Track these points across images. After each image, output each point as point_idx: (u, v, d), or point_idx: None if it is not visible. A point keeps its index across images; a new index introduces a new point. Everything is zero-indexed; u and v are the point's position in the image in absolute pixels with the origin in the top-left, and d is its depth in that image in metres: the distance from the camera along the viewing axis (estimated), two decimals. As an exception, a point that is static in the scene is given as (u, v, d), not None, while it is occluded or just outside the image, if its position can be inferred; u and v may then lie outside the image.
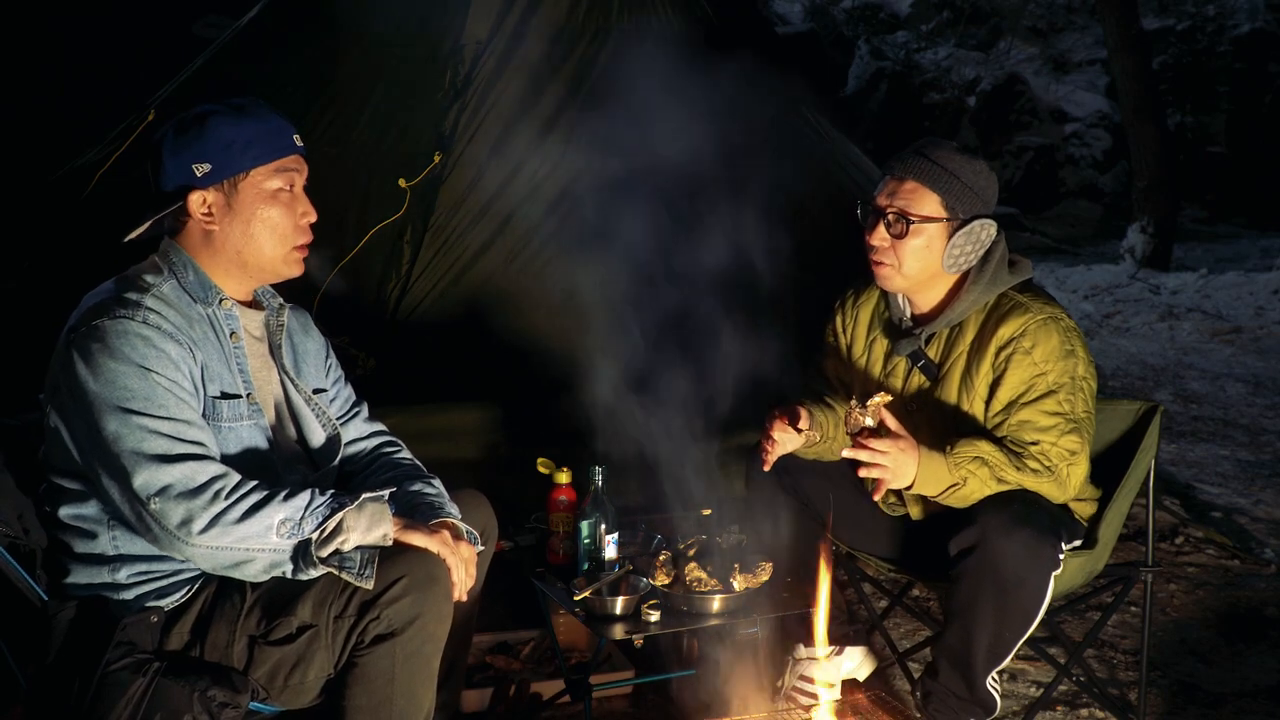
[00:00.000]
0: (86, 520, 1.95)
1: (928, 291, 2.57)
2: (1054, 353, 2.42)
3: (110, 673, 1.82)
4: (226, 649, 1.93)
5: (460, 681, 2.44)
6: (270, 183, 2.05)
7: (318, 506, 1.92)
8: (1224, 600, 3.56)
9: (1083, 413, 2.43)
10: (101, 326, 1.90)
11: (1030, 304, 2.48)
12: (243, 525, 1.86)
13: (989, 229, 2.48)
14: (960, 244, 2.46)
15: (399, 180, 3.76)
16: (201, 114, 2.04)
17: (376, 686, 1.92)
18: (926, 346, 2.58)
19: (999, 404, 2.45)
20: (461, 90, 3.91)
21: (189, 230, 2.05)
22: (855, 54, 15.04)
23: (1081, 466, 2.42)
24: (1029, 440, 2.40)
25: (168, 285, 2.01)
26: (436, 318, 3.66)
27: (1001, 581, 2.31)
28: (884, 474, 2.32)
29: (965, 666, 2.42)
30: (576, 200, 3.92)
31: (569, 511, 2.72)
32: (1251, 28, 14.95)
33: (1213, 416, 5.88)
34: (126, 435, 1.85)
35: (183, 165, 2.01)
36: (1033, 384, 2.41)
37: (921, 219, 2.46)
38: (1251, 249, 11.89)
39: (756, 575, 2.52)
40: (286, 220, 2.07)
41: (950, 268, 2.49)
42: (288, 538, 1.88)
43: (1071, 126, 14.78)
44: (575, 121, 3.93)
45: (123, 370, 1.88)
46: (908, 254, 2.48)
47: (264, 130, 2.05)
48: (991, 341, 2.46)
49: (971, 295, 2.50)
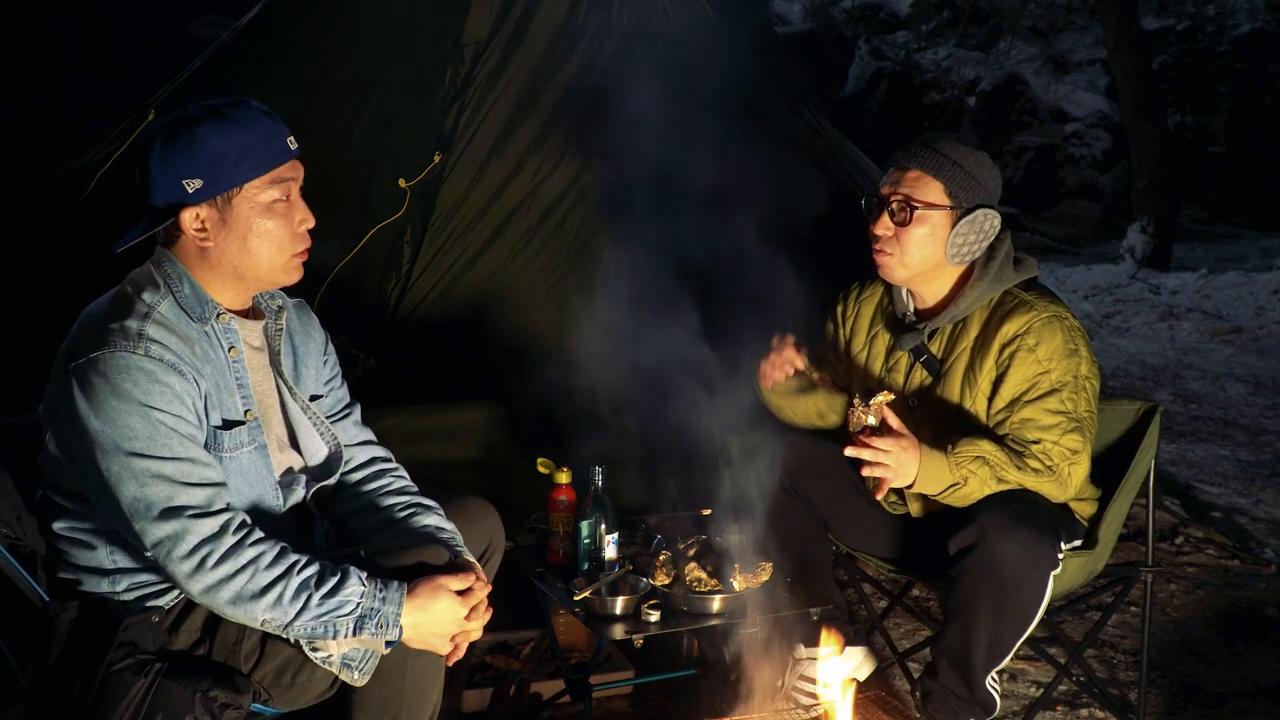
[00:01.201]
0: (84, 533, 1.93)
1: (931, 285, 2.57)
2: (1058, 351, 2.43)
3: (112, 673, 1.82)
4: (235, 645, 1.92)
5: (462, 683, 2.44)
6: (265, 195, 1.95)
7: (321, 610, 1.82)
8: (1224, 600, 3.56)
9: (1085, 412, 2.43)
10: (102, 360, 1.83)
11: (1035, 302, 2.49)
12: (233, 609, 1.82)
13: (993, 219, 2.49)
14: (964, 233, 2.47)
15: (399, 180, 3.76)
16: (190, 122, 1.92)
17: (387, 680, 1.92)
18: (930, 342, 2.58)
19: (1001, 401, 2.46)
20: (461, 90, 3.91)
21: (183, 243, 1.97)
22: (855, 54, 15.02)
23: (1083, 466, 2.42)
24: (1031, 439, 2.40)
25: (165, 304, 1.93)
26: (436, 318, 3.66)
27: (1000, 581, 2.31)
28: (885, 473, 2.32)
29: (964, 666, 2.42)
30: (577, 200, 3.92)
31: (569, 511, 2.72)
32: (1251, 28, 14.94)
33: (1213, 416, 5.88)
34: (128, 480, 1.81)
35: (173, 181, 1.91)
36: (1036, 382, 2.42)
37: (925, 205, 2.47)
38: (1251, 249, 11.89)
39: (756, 575, 2.52)
40: (284, 230, 1.98)
41: (954, 258, 2.49)
42: (277, 622, 1.83)
43: (1071, 126, 14.78)
44: (575, 121, 3.93)
45: (124, 409, 1.81)
46: (911, 242, 2.49)
47: (256, 139, 1.94)
48: (995, 338, 2.47)
49: (976, 291, 2.51)
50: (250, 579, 1.81)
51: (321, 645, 1.87)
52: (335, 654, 1.88)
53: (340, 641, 1.86)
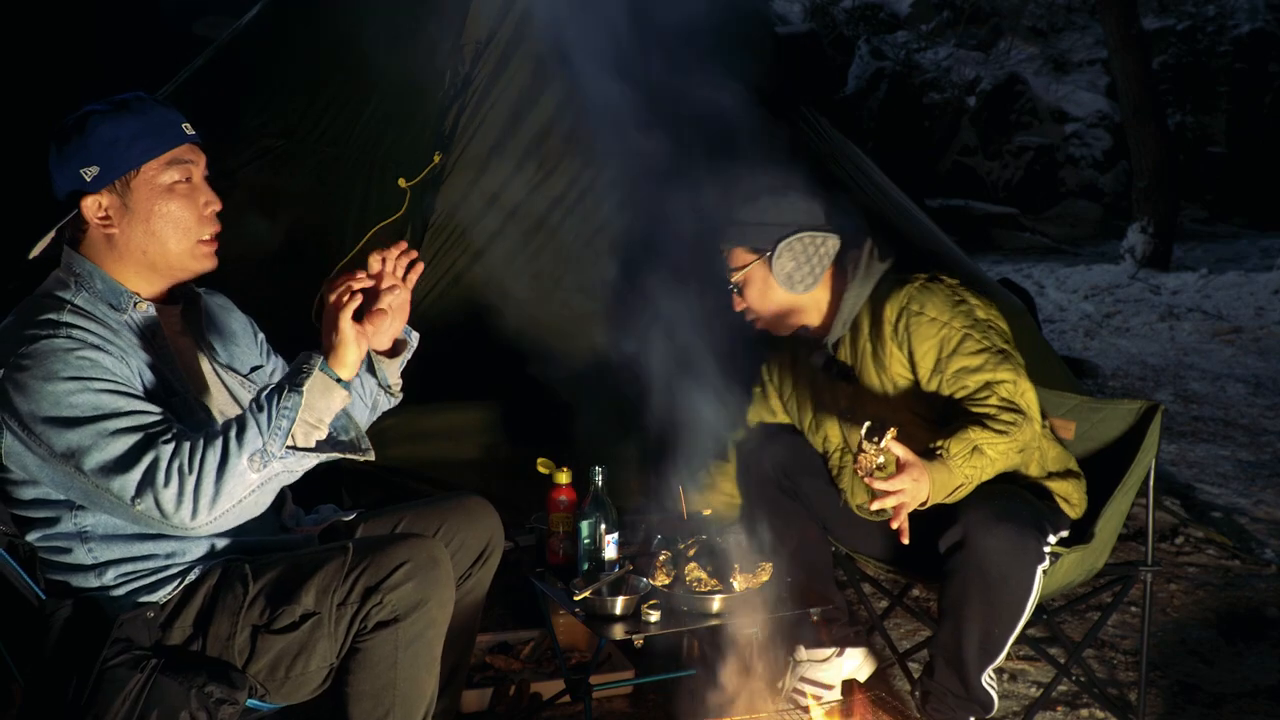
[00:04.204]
0: (59, 539, 1.93)
1: (808, 314, 2.71)
2: (945, 307, 2.53)
3: (107, 670, 1.82)
4: (229, 641, 1.92)
5: (461, 685, 2.44)
6: (164, 176, 1.97)
7: (272, 424, 1.82)
8: (1224, 600, 3.56)
9: (1002, 343, 2.52)
10: (27, 354, 1.84)
11: (906, 277, 2.62)
12: (222, 490, 1.80)
13: (803, 240, 2.62)
14: (783, 266, 2.62)
15: (399, 180, 3.76)
16: (81, 117, 1.96)
17: (379, 672, 1.92)
18: (836, 354, 2.69)
19: (926, 369, 2.53)
20: (461, 90, 3.91)
21: (90, 238, 1.99)
22: (855, 54, 15.04)
23: (1030, 392, 2.48)
24: (975, 387, 2.46)
25: (80, 298, 1.95)
26: (437, 318, 3.66)
27: (986, 578, 2.33)
28: (903, 499, 2.32)
29: (959, 664, 2.43)
30: (577, 200, 3.92)
31: (569, 511, 2.72)
32: (1251, 28, 14.96)
33: (1213, 416, 5.88)
34: (89, 450, 1.80)
35: (70, 172, 1.94)
36: (943, 337, 2.51)
37: (738, 269, 2.66)
38: (1251, 249, 11.90)
39: (756, 575, 2.52)
40: (189, 212, 2.00)
41: (794, 287, 2.64)
42: (265, 466, 1.82)
43: (1071, 126, 14.79)
44: (575, 122, 3.93)
45: (61, 389, 1.82)
46: (755, 301, 2.69)
47: (148, 124, 1.97)
48: (884, 321, 2.57)
49: (853, 292, 2.64)
50: (215, 459, 1.79)
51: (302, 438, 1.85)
52: (322, 431, 1.86)
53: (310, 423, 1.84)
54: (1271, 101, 14.58)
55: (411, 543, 1.97)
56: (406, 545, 1.96)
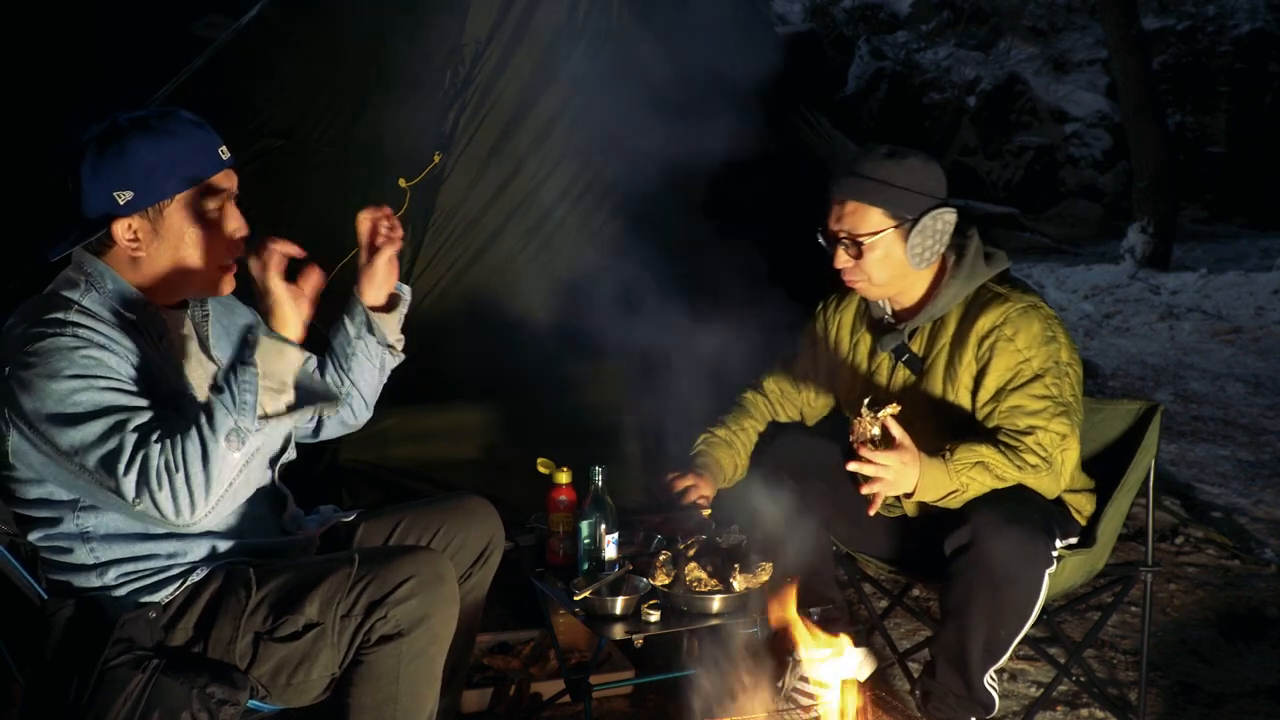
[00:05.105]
0: (60, 539, 1.93)
1: (906, 290, 2.61)
2: (1036, 339, 2.46)
3: (109, 670, 1.82)
4: (230, 645, 1.92)
5: (462, 685, 2.44)
6: (198, 205, 1.97)
7: (237, 401, 1.80)
8: (1224, 600, 3.56)
9: (1070, 397, 2.46)
10: (33, 352, 1.84)
11: (1010, 294, 2.53)
12: (211, 477, 1.79)
13: (944, 217, 2.52)
14: (918, 241, 2.50)
15: (399, 180, 3.76)
16: (120, 134, 1.93)
17: (381, 685, 1.92)
18: (910, 341, 2.62)
19: (987, 393, 2.48)
20: (461, 90, 3.91)
21: (115, 253, 1.98)
22: (855, 54, 15.03)
23: (1073, 452, 2.44)
24: (1021, 427, 2.42)
25: (88, 299, 1.94)
26: (437, 317, 3.66)
27: (994, 580, 2.32)
28: (883, 487, 2.33)
29: (962, 665, 2.43)
30: (577, 200, 3.92)
31: (569, 511, 2.72)
32: (1251, 28, 14.95)
33: (1213, 416, 5.88)
34: (92, 446, 1.80)
35: (104, 192, 1.92)
36: (1018, 370, 2.45)
37: (870, 234, 2.50)
38: (1251, 249, 11.89)
39: (756, 575, 2.52)
40: (217, 240, 1.99)
41: (918, 264, 2.53)
42: (244, 442, 1.81)
43: (1071, 126, 14.78)
44: (575, 122, 3.93)
45: (65, 386, 1.81)
46: (871, 267, 2.54)
47: (187, 150, 1.95)
48: (973, 332, 2.51)
49: (951, 289, 2.55)
50: (194, 448, 1.78)
51: (270, 405, 1.83)
52: (289, 393, 1.85)
53: (272, 389, 1.83)
54: (1271, 101, 14.57)
55: (417, 557, 1.96)
56: (413, 559, 1.95)
